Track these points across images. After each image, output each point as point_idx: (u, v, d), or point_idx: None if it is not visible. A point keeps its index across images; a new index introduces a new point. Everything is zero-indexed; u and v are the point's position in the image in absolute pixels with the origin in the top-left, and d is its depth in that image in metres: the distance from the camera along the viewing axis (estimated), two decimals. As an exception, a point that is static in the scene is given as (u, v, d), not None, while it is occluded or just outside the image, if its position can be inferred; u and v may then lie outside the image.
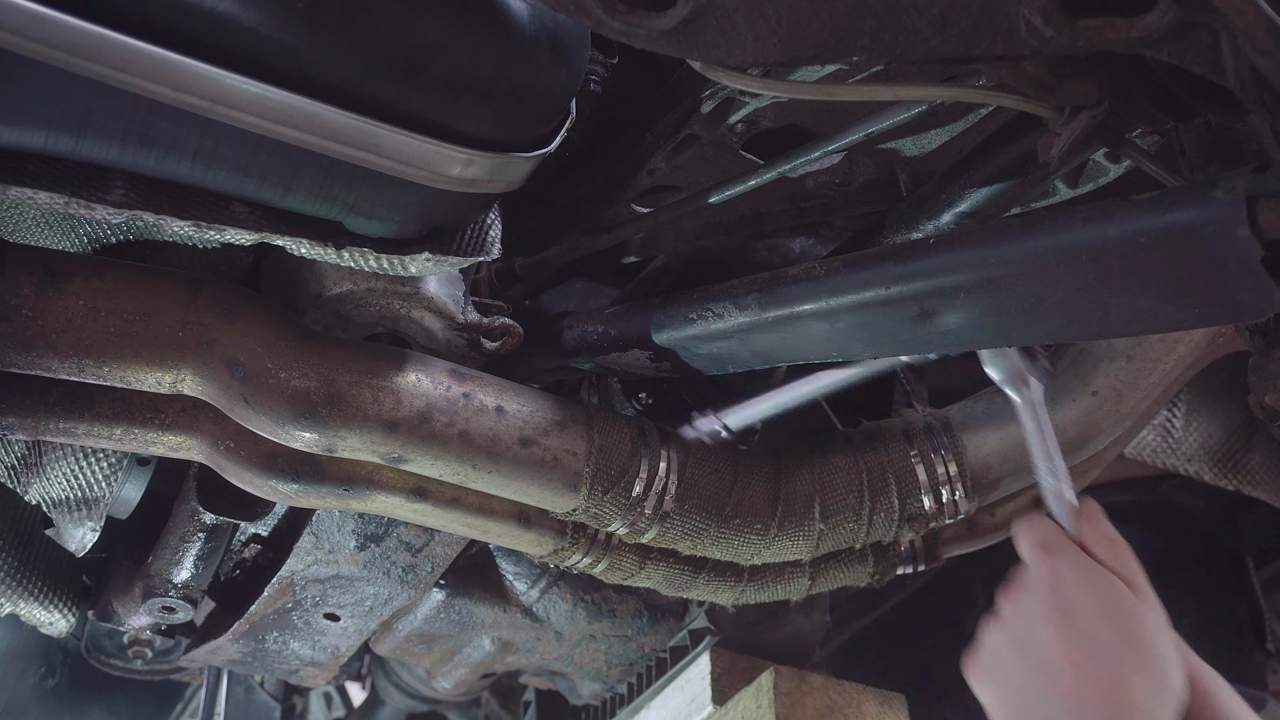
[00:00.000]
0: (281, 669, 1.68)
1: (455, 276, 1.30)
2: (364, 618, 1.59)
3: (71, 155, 0.98)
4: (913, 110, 1.16)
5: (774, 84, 1.04)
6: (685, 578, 1.45)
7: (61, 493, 1.36)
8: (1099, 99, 0.92)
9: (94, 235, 1.24)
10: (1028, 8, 0.86)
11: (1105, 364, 1.39)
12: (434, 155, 1.03)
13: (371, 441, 1.21)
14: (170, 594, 1.53)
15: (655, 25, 0.92)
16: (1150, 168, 1.08)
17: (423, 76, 0.98)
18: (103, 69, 0.90)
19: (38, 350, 1.11)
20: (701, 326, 1.22)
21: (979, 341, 1.06)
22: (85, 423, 1.21)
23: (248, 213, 1.08)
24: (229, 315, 1.16)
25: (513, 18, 1.00)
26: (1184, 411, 1.66)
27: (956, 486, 1.41)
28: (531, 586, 1.71)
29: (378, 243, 1.12)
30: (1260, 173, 0.85)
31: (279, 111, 0.96)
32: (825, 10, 0.89)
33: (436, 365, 1.25)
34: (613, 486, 1.32)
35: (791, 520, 1.40)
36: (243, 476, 1.26)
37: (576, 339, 1.36)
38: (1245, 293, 0.87)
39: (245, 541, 1.60)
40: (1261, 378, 1.11)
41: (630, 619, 1.77)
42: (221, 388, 1.17)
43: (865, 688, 1.56)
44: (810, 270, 1.14)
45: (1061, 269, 0.94)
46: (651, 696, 1.76)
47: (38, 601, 1.58)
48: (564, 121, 1.11)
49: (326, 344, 1.20)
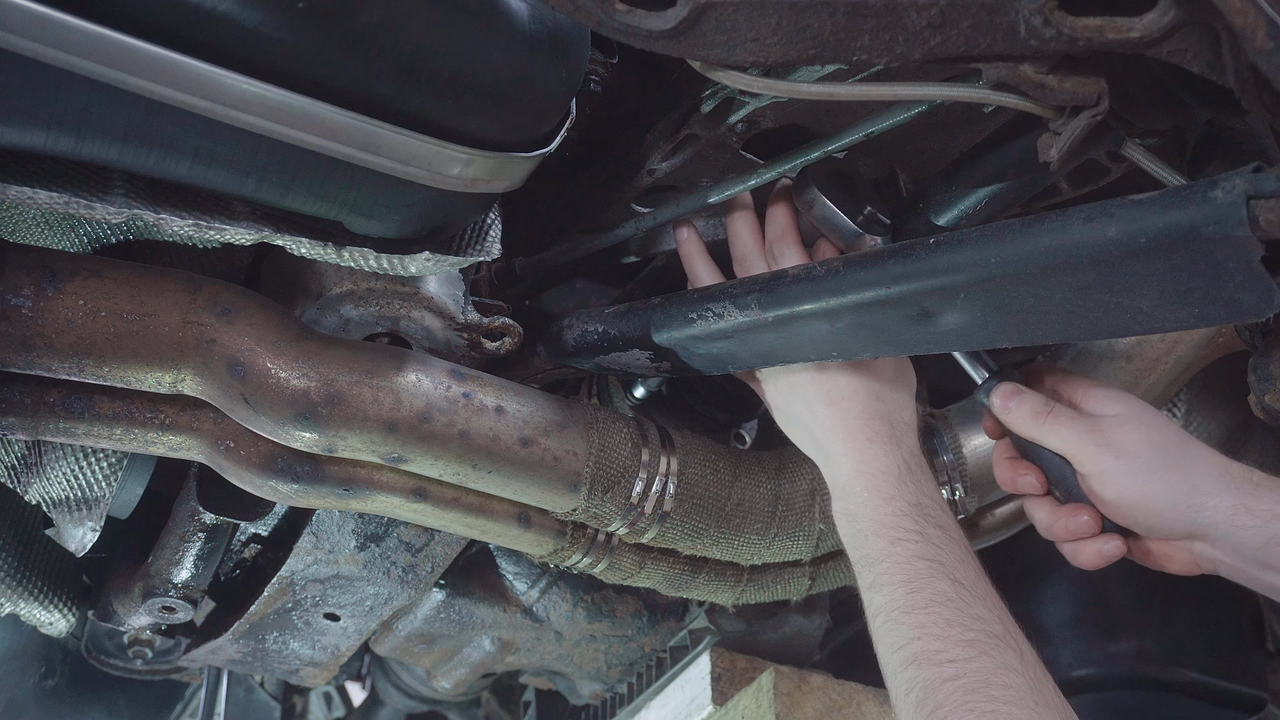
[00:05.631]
0: (281, 669, 1.68)
1: (455, 276, 1.30)
2: (364, 618, 1.59)
3: (71, 155, 0.97)
4: (913, 110, 1.16)
5: (774, 84, 1.04)
6: (685, 578, 1.45)
7: (61, 493, 1.36)
8: (1099, 99, 0.92)
9: (94, 235, 1.24)
10: (1028, 8, 0.86)
11: (1105, 364, 1.39)
12: (434, 155, 1.03)
13: (371, 441, 1.21)
14: (170, 594, 1.53)
15: (655, 25, 0.92)
16: (1150, 168, 1.08)
17: (423, 76, 0.98)
18: (103, 69, 0.90)
19: (38, 350, 1.11)
20: (701, 326, 1.22)
21: (979, 341, 1.06)
22: (85, 423, 1.21)
23: (248, 212, 1.08)
24: (229, 315, 1.16)
25: (513, 17, 1.00)
26: (1184, 411, 1.66)
27: (957, 486, 1.41)
28: (531, 586, 1.71)
29: (378, 242, 1.12)
30: (1260, 173, 0.85)
31: (279, 111, 0.96)
32: (825, 10, 0.89)
33: (436, 365, 1.25)
34: (613, 486, 1.32)
35: (791, 520, 1.40)
36: (243, 476, 1.26)
37: (576, 339, 1.36)
38: (1245, 293, 0.87)
39: (245, 541, 1.60)
40: (1261, 378, 1.11)
41: (630, 619, 1.77)
42: (221, 388, 1.17)
43: (865, 688, 1.56)
44: (810, 270, 1.14)
45: (1062, 269, 0.94)
46: (651, 696, 1.76)
47: (38, 601, 1.58)
48: (564, 121, 1.11)
49: (326, 344, 1.20)
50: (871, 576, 1.12)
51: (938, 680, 1.01)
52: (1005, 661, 1.01)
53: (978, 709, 0.97)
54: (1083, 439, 1.11)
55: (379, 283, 1.23)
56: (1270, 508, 1.03)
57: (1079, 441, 1.11)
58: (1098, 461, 1.09)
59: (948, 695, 0.99)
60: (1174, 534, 1.09)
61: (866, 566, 1.13)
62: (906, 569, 1.09)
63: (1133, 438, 1.09)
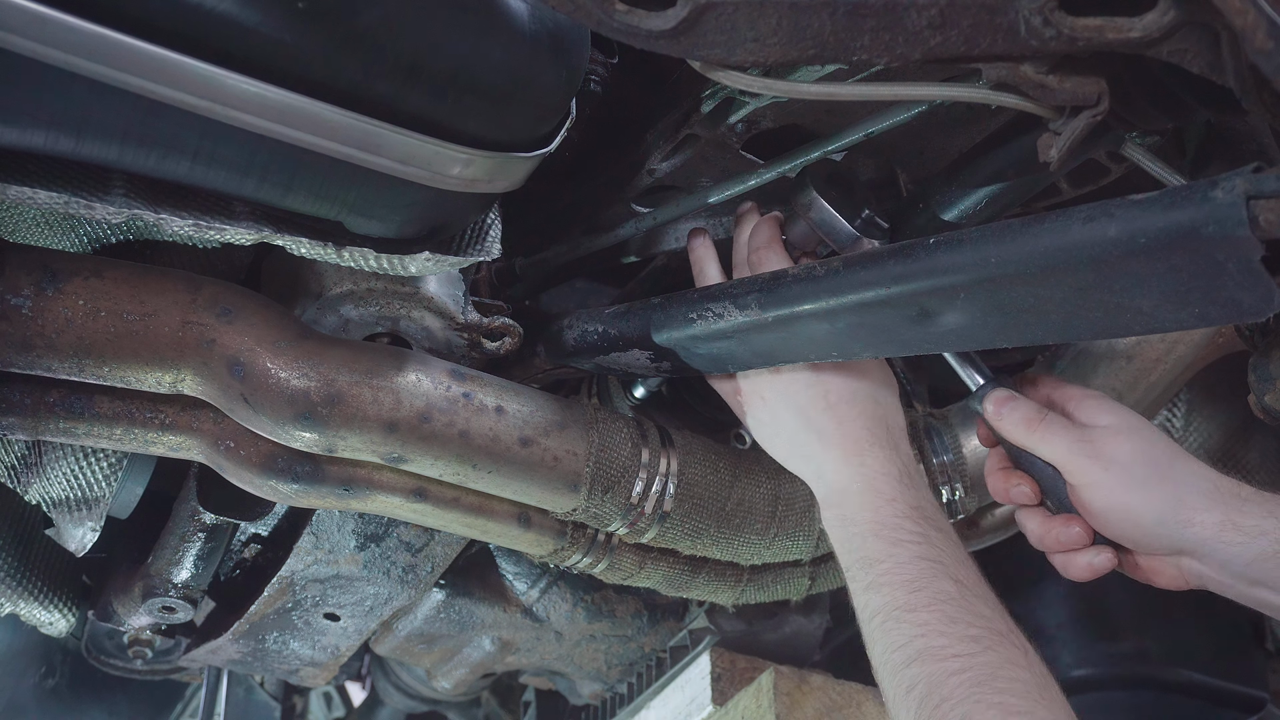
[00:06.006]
0: (281, 669, 1.68)
1: (455, 276, 1.30)
2: (364, 618, 1.59)
3: (71, 155, 0.97)
4: (913, 110, 1.16)
5: (774, 84, 1.04)
6: (685, 578, 1.45)
7: (61, 493, 1.36)
8: (1099, 99, 0.92)
9: (94, 235, 1.24)
10: (1028, 8, 0.86)
11: (1105, 364, 1.39)
12: (434, 155, 1.03)
13: (371, 441, 1.21)
14: (170, 594, 1.53)
15: (655, 25, 0.92)
16: (1150, 168, 1.08)
17: (423, 76, 0.98)
18: (103, 69, 0.90)
19: (38, 350, 1.11)
20: (701, 326, 1.22)
21: (979, 341, 1.06)
22: (85, 423, 1.21)
23: (248, 212, 1.08)
24: (229, 315, 1.16)
25: (513, 17, 1.00)
26: (1184, 411, 1.66)
27: (957, 486, 1.41)
28: (531, 586, 1.71)
29: (378, 243, 1.12)
30: (1260, 173, 0.85)
31: (279, 111, 0.96)
32: (825, 10, 0.89)
33: (436, 365, 1.25)
34: (613, 486, 1.32)
35: (791, 520, 1.40)
36: (243, 476, 1.26)
37: (576, 339, 1.36)
38: (1245, 293, 0.87)
39: (245, 541, 1.60)
40: (1261, 378, 1.11)
41: (630, 619, 1.77)
42: (221, 388, 1.17)
43: (865, 688, 1.56)
44: (810, 270, 1.14)
45: (1062, 269, 0.94)
46: (651, 696, 1.76)
47: (38, 601, 1.58)
48: (564, 121, 1.11)
49: (326, 344, 1.20)
50: (869, 578, 1.11)
51: (943, 675, 1.00)
52: (1010, 657, 1.01)
53: (985, 700, 0.96)
54: (1072, 449, 1.10)
55: (379, 283, 1.23)
56: (1258, 523, 1.03)
57: (1069, 451, 1.11)
58: (1086, 473, 1.09)
59: (954, 689, 0.98)
60: (1161, 549, 1.08)
61: (864, 568, 1.12)
62: (909, 569, 1.08)
63: (1123, 450, 1.09)
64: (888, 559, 1.10)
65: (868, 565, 1.12)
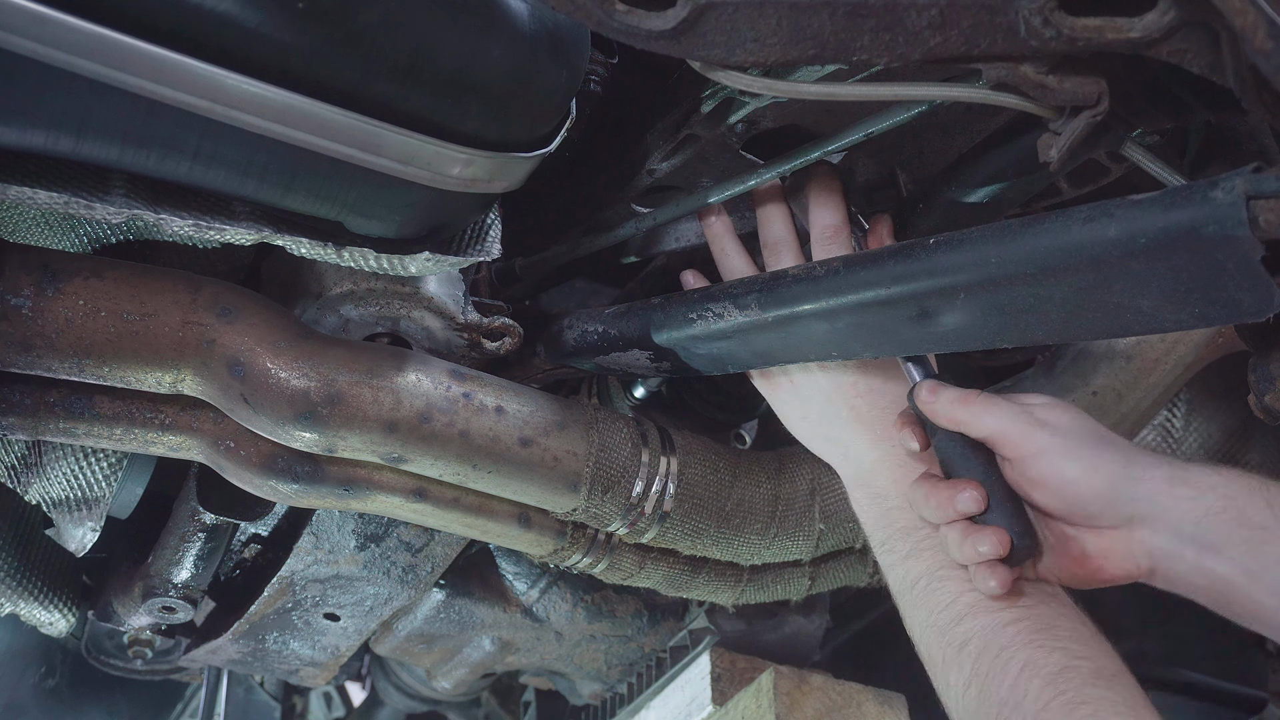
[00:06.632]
0: (281, 669, 1.68)
1: (455, 276, 1.30)
2: (364, 618, 1.59)
3: (71, 155, 0.97)
4: (913, 110, 1.16)
5: (774, 84, 1.03)
6: (685, 578, 1.45)
7: (61, 493, 1.36)
8: (1099, 99, 0.92)
9: (94, 235, 1.24)
10: (1028, 8, 0.86)
11: (1105, 364, 1.39)
12: (434, 155, 1.03)
13: (371, 441, 1.21)
14: (170, 594, 1.53)
15: (655, 25, 0.92)
16: (1150, 168, 1.08)
17: (423, 76, 0.98)
18: (103, 69, 0.90)
19: (38, 350, 1.11)
20: (701, 326, 1.22)
21: (979, 341, 1.06)
22: (85, 423, 1.21)
23: (248, 213, 1.09)
24: (229, 315, 1.16)
25: (513, 17, 1.00)
26: (1184, 411, 1.66)
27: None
28: (531, 586, 1.71)
29: (378, 243, 1.12)
30: (1260, 173, 0.85)
31: (279, 111, 0.96)
32: (825, 10, 0.89)
33: (436, 365, 1.25)
34: (613, 486, 1.32)
35: (791, 520, 1.40)
36: (243, 476, 1.26)
37: (576, 339, 1.36)
38: (1245, 293, 0.87)
39: (245, 541, 1.60)
40: (1261, 378, 1.11)
41: (630, 619, 1.77)
42: (221, 388, 1.17)
43: (865, 688, 1.56)
44: (810, 270, 1.14)
45: (1062, 269, 0.94)
46: (651, 696, 1.76)
47: (38, 601, 1.58)
48: (564, 121, 1.11)
49: (326, 344, 1.20)
50: (908, 546, 1.11)
51: (999, 625, 0.99)
52: (1063, 611, 1.01)
53: (1047, 645, 0.95)
54: (1014, 416, 1.06)
55: (379, 283, 1.23)
56: (1205, 478, 1.01)
57: (1010, 419, 1.06)
58: (1030, 439, 1.05)
59: (1012, 637, 0.97)
60: (1111, 518, 1.03)
61: (902, 538, 1.12)
62: None
63: (1062, 418, 1.07)
64: (926, 525, 1.10)
65: (905, 534, 1.12)
